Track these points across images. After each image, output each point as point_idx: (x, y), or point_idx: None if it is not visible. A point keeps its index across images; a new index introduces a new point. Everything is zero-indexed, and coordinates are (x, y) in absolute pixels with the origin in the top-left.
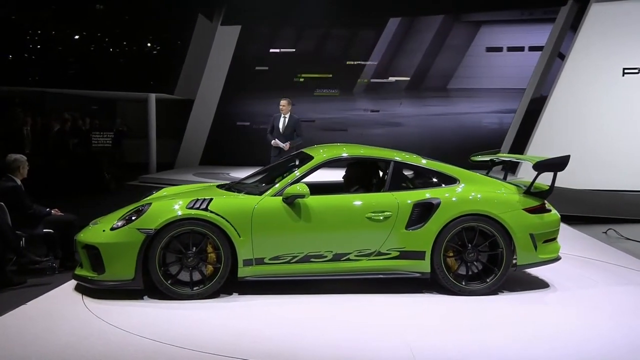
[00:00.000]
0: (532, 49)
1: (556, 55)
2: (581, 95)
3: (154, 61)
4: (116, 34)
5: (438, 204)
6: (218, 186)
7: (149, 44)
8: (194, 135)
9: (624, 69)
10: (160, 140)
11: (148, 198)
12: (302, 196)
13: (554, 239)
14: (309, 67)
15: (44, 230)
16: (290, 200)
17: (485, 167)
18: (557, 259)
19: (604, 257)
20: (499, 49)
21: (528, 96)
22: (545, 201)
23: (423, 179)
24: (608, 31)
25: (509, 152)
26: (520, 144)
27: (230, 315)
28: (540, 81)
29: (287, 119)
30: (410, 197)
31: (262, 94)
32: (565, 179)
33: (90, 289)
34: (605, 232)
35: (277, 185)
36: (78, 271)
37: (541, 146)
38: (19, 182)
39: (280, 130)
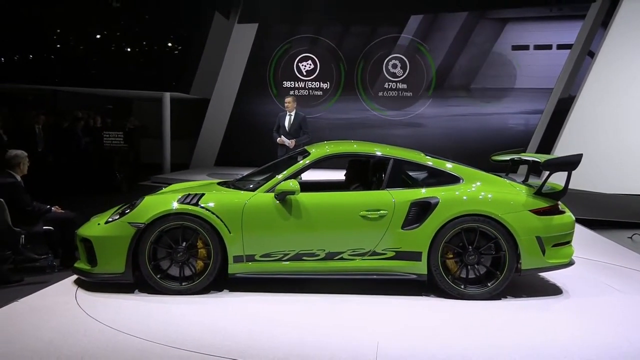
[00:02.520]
0: (560, 47)
1: (586, 54)
2: (611, 95)
3: (170, 60)
4: (131, 32)
5: (436, 204)
6: (219, 183)
7: (164, 42)
8: (210, 135)
9: None
10: (175, 140)
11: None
12: (293, 192)
13: (567, 242)
14: (326, 65)
15: (44, 227)
16: (282, 197)
17: (507, 168)
18: (570, 264)
19: (625, 263)
20: (526, 47)
21: (556, 96)
22: (559, 202)
23: (425, 177)
24: None
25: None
26: (547, 146)
27: (214, 313)
28: (569, 81)
29: (292, 117)
30: (408, 195)
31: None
32: (596, 183)
33: (86, 285)
34: (631, 237)
35: (269, 182)
36: (77, 264)
37: (569, 148)
38: (19, 179)
39: (286, 128)
